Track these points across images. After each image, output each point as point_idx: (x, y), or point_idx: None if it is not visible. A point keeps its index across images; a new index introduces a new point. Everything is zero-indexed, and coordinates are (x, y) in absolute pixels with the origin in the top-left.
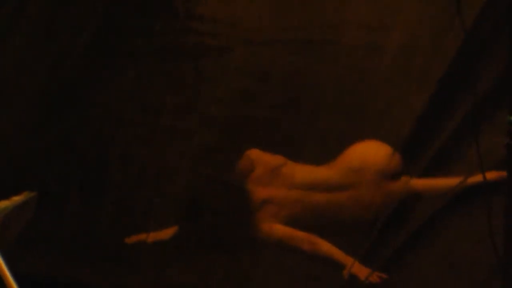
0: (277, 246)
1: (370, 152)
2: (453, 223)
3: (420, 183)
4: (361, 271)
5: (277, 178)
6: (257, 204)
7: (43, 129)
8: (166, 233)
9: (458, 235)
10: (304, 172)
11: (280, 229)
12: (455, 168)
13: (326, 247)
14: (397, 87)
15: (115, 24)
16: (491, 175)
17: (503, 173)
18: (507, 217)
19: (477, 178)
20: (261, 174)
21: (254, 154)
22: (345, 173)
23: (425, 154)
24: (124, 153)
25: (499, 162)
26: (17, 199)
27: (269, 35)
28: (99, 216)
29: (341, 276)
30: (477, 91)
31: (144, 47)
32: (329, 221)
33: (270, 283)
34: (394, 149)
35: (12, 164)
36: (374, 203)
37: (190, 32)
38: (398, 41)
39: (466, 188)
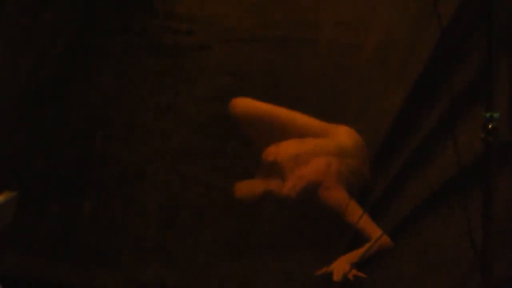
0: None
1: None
2: (432, 220)
3: None
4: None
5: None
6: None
7: (23, 129)
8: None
9: (437, 232)
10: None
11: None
12: (433, 164)
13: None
14: (375, 84)
15: (94, 24)
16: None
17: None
18: (485, 214)
19: None
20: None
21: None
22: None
23: (403, 150)
24: (103, 152)
25: (477, 157)
26: None
27: (247, 33)
28: (79, 215)
29: (316, 274)
30: (454, 87)
31: (123, 46)
32: None
33: (249, 282)
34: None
35: None
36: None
37: (168, 31)
38: (375, 38)
39: (445, 185)
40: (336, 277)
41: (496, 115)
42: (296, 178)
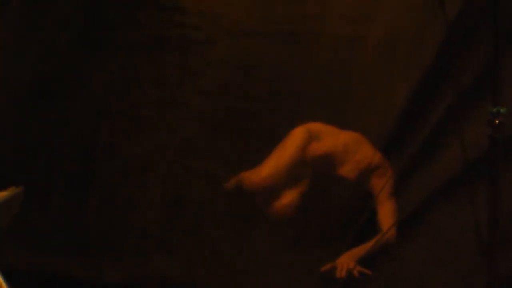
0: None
1: None
2: (438, 213)
3: None
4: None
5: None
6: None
7: (28, 123)
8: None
9: (443, 226)
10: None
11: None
12: (439, 159)
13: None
14: (381, 78)
15: (99, 17)
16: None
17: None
18: (491, 209)
19: None
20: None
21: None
22: None
23: (409, 146)
24: (108, 145)
25: (483, 153)
26: (3, 194)
27: (252, 27)
28: (83, 209)
29: (320, 271)
30: (461, 81)
31: (128, 39)
32: None
33: (252, 275)
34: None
35: None
36: None
37: (174, 24)
38: (381, 32)
39: (451, 180)
40: (340, 273)
41: (502, 110)
42: (352, 163)
